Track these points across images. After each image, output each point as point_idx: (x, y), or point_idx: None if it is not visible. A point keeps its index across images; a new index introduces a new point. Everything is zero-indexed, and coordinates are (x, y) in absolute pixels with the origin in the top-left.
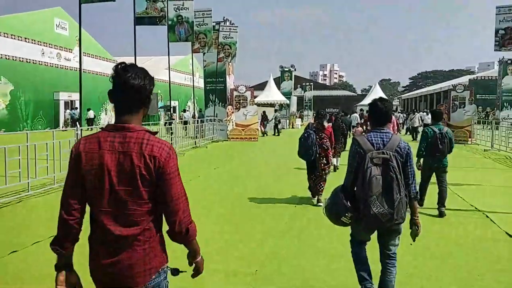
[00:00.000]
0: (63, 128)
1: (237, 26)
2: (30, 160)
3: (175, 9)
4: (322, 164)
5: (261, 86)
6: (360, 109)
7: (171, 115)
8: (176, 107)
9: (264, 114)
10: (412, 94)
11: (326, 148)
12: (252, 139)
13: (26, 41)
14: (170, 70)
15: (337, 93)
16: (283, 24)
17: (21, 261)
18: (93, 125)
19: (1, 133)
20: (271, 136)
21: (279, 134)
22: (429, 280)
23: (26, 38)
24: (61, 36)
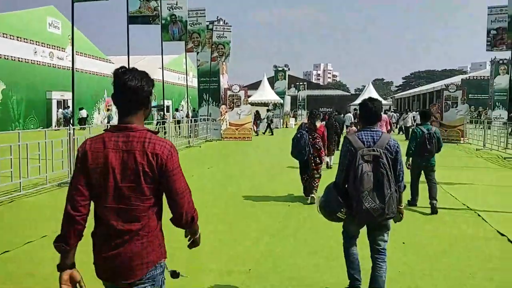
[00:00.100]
0: (56, 127)
1: (230, 26)
2: (22, 160)
3: (168, 8)
4: (315, 164)
5: (255, 86)
6: (354, 109)
7: (163, 114)
8: (170, 106)
9: (257, 114)
10: (405, 93)
11: (318, 148)
12: (246, 139)
13: (18, 40)
14: (163, 70)
15: (331, 92)
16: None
17: (12, 261)
18: (86, 124)
19: None
20: (264, 136)
21: (272, 134)
22: (421, 279)
23: (18, 37)
24: (53, 35)
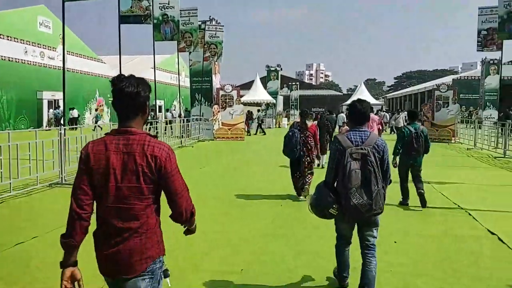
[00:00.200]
0: (47, 127)
1: (223, 26)
2: (12, 160)
3: (160, 7)
4: (306, 162)
5: (247, 86)
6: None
7: (154, 114)
8: (162, 106)
9: (249, 114)
10: (397, 93)
11: (310, 147)
12: (239, 139)
13: (9, 40)
14: (155, 69)
15: (323, 92)
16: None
17: (2, 262)
18: (77, 124)
19: None
20: (256, 136)
21: (264, 133)
22: (412, 278)
23: (9, 37)
24: (44, 34)
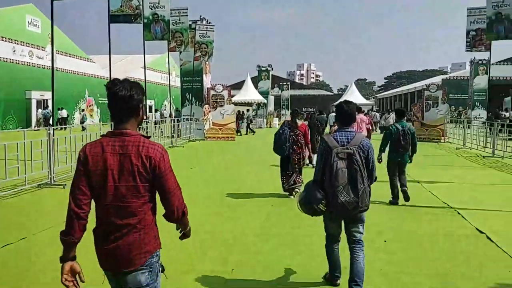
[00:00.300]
0: (36, 127)
1: (213, 25)
2: (0, 161)
3: (150, 7)
4: (296, 159)
5: (238, 86)
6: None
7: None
8: (152, 106)
9: (239, 113)
10: (387, 93)
11: (300, 145)
12: (229, 139)
13: None
14: (145, 69)
15: (314, 92)
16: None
17: None
18: (66, 124)
19: None
20: (247, 135)
21: (253, 133)
22: (402, 276)
23: None
24: (33, 33)
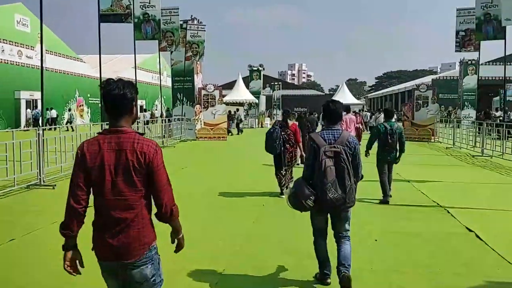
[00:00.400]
0: (25, 128)
1: (205, 25)
2: None
3: (141, 6)
4: (289, 158)
5: (229, 86)
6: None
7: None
8: (143, 106)
9: (229, 114)
10: (378, 93)
11: (291, 144)
12: (221, 138)
13: None
14: (136, 69)
15: (305, 92)
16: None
17: None
18: (56, 125)
19: None
20: (239, 135)
21: (241, 132)
22: (392, 275)
23: None
24: (22, 33)
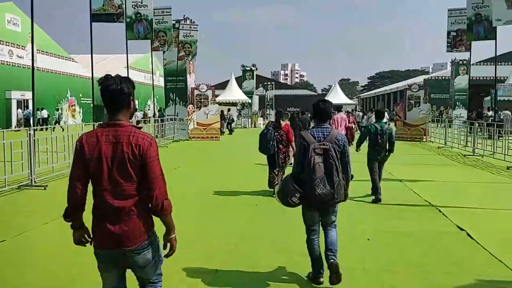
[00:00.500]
0: (16, 128)
1: (197, 25)
2: None
3: (133, 6)
4: (282, 158)
5: (222, 85)
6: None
7: None
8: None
9: (221, 114)
10: (370, 93)
11: (284, 144)
12: (214, 138)
13: None
14: (128, 68)
15: (298, 92)
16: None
17: None
18: (47, 125)
19: None
20: (232, 135)
21: (232, 132)
22: (384, 274)
23: None
24: (13, 32)
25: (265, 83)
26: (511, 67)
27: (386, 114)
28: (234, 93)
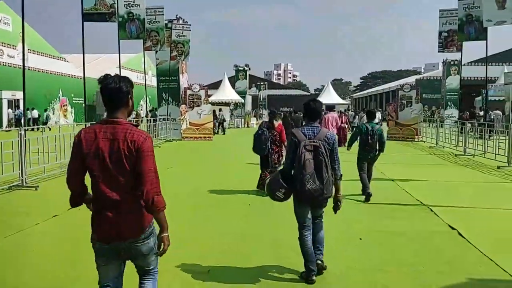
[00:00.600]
0: (7, 128)
1: (190, 25)
2: None
3: (125, 5)
4: (275, 158)
5: (215, 85)
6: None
7: None
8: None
9: (213, 113)
10: (362, 93)
11: (278, 144)
12: (207, 138)
13: None
14: (120, 68)
15: (291, 92)
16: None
17: None
18: (38, 125)
19: None
20: (225, 135)
21: (224, 132)
22: (376, 274)
23: None
24: (3, 31)
25: (258, 83)
26: (501, 67)
27: (379, 114)
28: (227, 93)
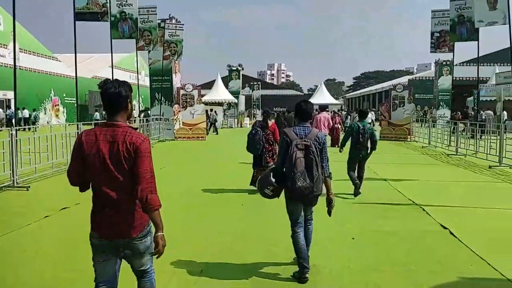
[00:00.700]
0: None
1: (183, 24)
2: None
3: (118, 5)
4: (268, 157)
5: (209, 85)
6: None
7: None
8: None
9: (206, 113)
10: (355, 93)
11: (271, 143)
12: (200, 138)
13: None
14: (113, 68)
15: (285, 92)
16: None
17: None
18: (29, 124)
19: None
20: (218, 135)
21: (217, 133)
22: (369, 273)
23: None
24: None
25: (251, 83)
26: (493, 68)
27: (372, 113)
28: (220, 93)
